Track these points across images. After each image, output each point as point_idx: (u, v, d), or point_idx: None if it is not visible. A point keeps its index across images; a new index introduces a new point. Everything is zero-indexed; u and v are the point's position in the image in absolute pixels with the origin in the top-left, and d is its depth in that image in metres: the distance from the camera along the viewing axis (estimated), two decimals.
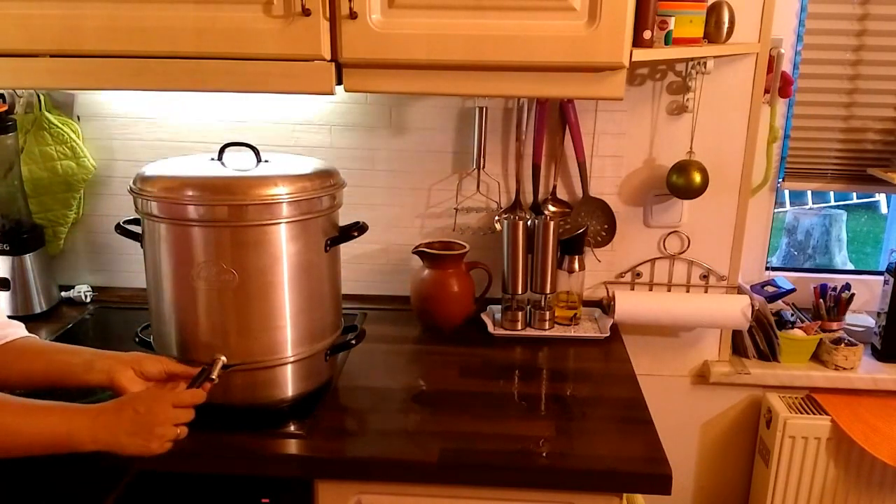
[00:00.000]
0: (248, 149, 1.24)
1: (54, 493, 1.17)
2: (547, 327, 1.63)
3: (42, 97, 1.67)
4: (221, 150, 1.25)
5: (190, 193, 1.14)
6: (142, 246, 1.23)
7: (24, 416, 0.93)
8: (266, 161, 1.24)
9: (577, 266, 1.64)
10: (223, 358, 1.16)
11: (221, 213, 1.14)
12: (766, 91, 1.64)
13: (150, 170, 1.21)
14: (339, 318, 1.34)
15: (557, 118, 1.67)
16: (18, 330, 1.15)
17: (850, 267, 4.22)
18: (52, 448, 0.94)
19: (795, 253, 4.09)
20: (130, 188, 1.20)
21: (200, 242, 1.15)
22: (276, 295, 1.19)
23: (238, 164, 1.23)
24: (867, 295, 1.91)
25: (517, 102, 1.66)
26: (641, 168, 1.71)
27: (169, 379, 1.12)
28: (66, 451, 0.95)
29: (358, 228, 1.28)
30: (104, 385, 1.08)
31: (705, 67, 1.54)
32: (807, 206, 4.73)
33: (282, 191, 1.15)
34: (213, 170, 1.21)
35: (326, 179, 1.22)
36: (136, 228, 1.24)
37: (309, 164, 1.26)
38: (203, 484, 1.19)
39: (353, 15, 1.21)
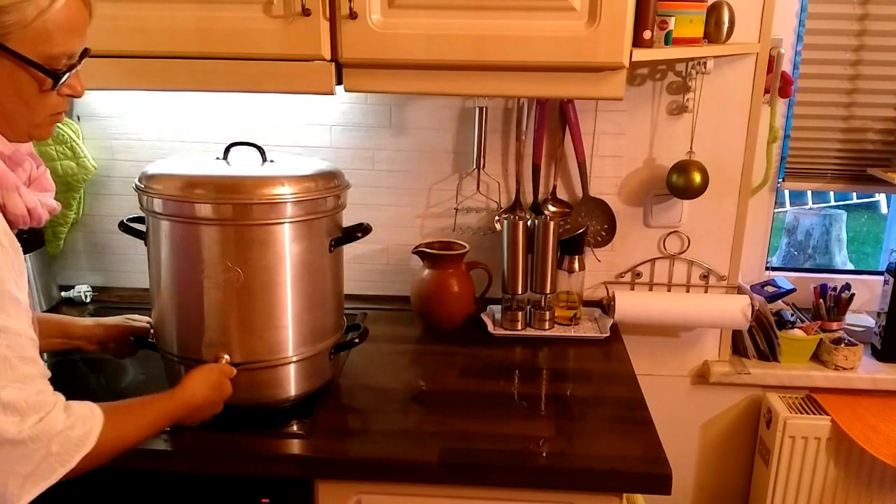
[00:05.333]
0: (253, 148, 1.24)
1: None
2: (547, 327, 1.63)
3: None
4: (227, 150, 1.25)
5: (196, 192, 1.14)
6: (146, 244, 1.23)
7: (134, 421, 1.00)
8: (271, 161, 1.24)
9: (577, 266, 1.64)
10: (226, 357, 1.17)
11: (227, 211, 1.14)
12: (766, 91, 1.64)
13: (156, 168, 1.21)
14: (341, 319, 1.34)
15: (557, 118, 1.67)
16: None
17: (850, 267, 4.22)
18: (154, 434, 1.03)
19: (795, 253, 4.09)
20: (136, 185, 1.20)
21: (205, 241, 1.15)
22: (280, 294, 1.19)
23: (243, 163, 1.23)
24: (867, 295, 1.91)
25: (517, 102, 1.66)
26: (641, 168, 1.71)
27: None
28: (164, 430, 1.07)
29: (362, 230, 1.28)
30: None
31: (705, 67, 1.54)
32: (807, 206, 4.73)
33: (287, 191, 1.15)
34: (218, 168, 1.21)
35: (331, 180, 1.22)
36: (140, 226, 1.24)
37: (314, 165, 1.26)
38: (203, 484, 1.19)
39: (353, 15, 1.21)
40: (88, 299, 1.76)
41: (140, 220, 1.24)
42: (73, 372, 1.46)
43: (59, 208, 1.01)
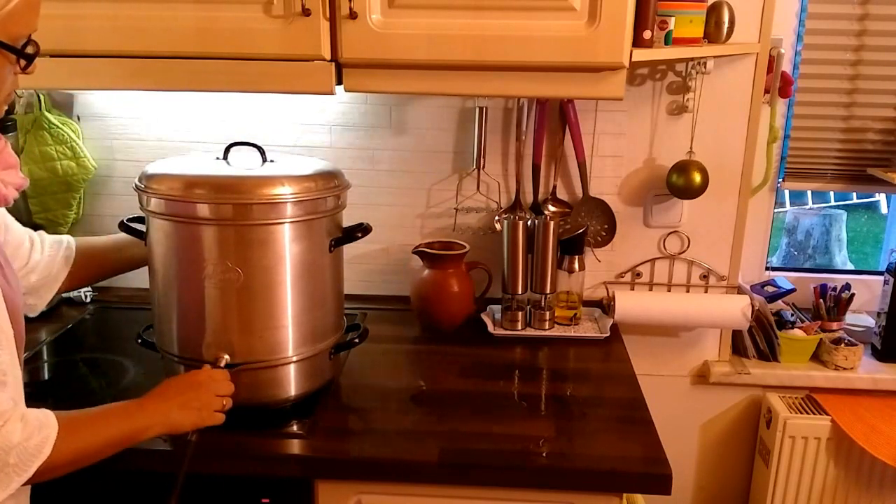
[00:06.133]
0: (252, 148, 1.24)
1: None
2: (547, 327, 1.63)
3: (42, 97, 1.67)
4: (227, 150, 1.25)
5: (196, 192, 1.14)
6: (146, 244, 1.23)
7: (94, 430, 0.97)
8: (271, 161, 1.24)
9: (577, 266, 1.64)
10: (226, 357, 1.17)
11: (227, 211, 1.14)
12: (766, 91, 1.64)
13: (156, 167, 1.21)
14: (341, 319, 1.34)
15: (557, 118, 1.67)
16: (71, 242, 1.25)
17: (850, 267, 4.21)
18: (120, 448, 0.99)
19: (795, 253, 4.09)
20: (136, 185, 1.20)
21: (206, 241, 1.15)
22: (280, 294, 1.19)
23: (243, 163, 1.23)
24: (867, 295, 1.91)
25: (517, 102, 1.66)
26: (641, 168, 1.71)
27: None
28: (131, 445, 1.00)
29: (362, 230, 1.28)
30: None
31: (705, 67, 1.54)
32: (807, 206, 4.72)
33: (287, 191, 1.15)
34: (218, 168, 1.21)
35: (331, 180, 1.22)
36: (140, 227, 1.24)
37: (314, 165, 1.26)
38: (203, 484, 1.19)
39: (353, 15, 1.21)
40: (88, 299, 1.76)
41: (140, 220, 1.24)
42: (73, 372, 1.46)
43: (27, 183, 0.99)
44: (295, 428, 1.23)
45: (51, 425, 0.91)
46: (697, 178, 1.60)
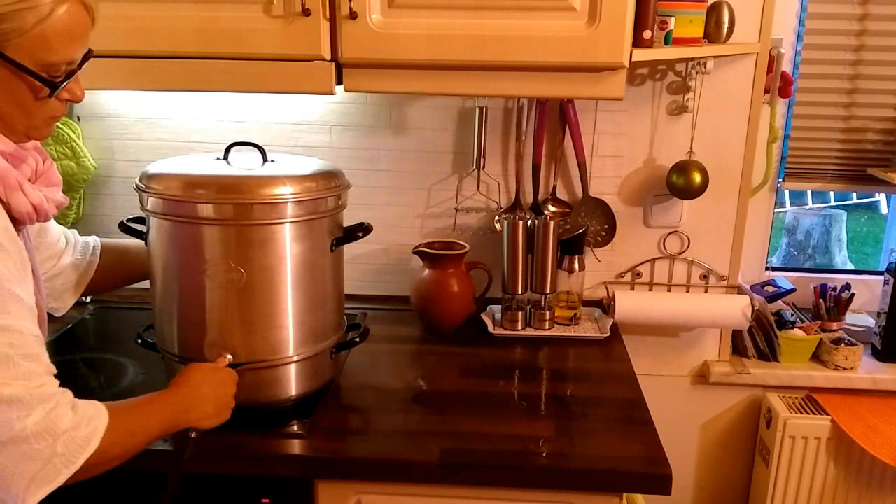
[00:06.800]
0: (253, 148, 1.24)
1: None
2: (547, 327, 1.63)
3: None
4: (227, 149, 1.25)
5: (198, 192, 1.14)
6: (146, 244, 1.23)
7: (139, 420, 0.97)
8: (272, 161, 1.24)
9: (577, 266, 1.64)
10: (229, 356, 1.17)
11: (228, 211, 1.14)
12: (766, 91, 1.64)
13: (157, 167, 1.21)
14: (342, 318, 1.34)
15: (557, 118, 1.67)
16: (97, 248, 1.27)
17: (850, 267, 4.22)
18: (160, 437, 1.00)
19: (795, 253, 4.09)
20: (136, 185, 1.20)
21: (206, 241, 1.15)
22: (281, 294, 1.19)
23: (244, 163, 1.23)
24: (867, 295, 1.91)
25: (517, 102, 1.66)
26: (641, 168, 1.71)
27: None
28: (169, 434, 1.01)
29: (363, 229, 1.28)
30: None
31: (705, 67, 1.54)
32: (807, 206, 4.73)
33: (287, 190, 1.15)
34: (219, 168, 1.21)
35: (332, 180, 1.23)
36: (140, 227, 1.24)
37: (314, 165, 1.26)
38: (203, 484, 1.19)
39: (353, 15, 1.21)
40: (88, 299, 1.75)
41: (140, 220, 1.24)
42: (73, 372, 1.46)
43: (67, 202, 1.01)
44: (295, 428, 1.23)
45: (101, 417, 0.89)
46: (697, 178, 1.61)
